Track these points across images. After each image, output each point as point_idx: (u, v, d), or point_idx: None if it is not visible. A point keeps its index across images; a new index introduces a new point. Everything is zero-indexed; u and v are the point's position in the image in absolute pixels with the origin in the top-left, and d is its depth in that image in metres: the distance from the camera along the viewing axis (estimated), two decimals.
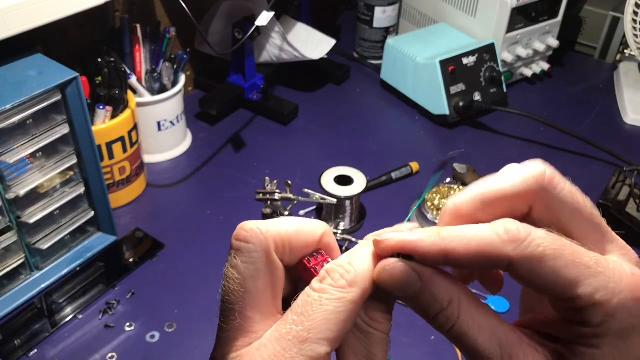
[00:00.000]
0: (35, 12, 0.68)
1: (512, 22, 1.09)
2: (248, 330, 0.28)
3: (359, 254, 0.29)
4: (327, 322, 0.27)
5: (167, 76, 0.92)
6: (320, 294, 0.27)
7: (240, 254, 0.28)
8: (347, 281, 0.27)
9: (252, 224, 0.29)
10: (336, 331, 0.27)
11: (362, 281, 0.28)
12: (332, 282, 0.28)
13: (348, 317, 0.27)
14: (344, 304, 0.27)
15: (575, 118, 1.10)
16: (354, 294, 0.27)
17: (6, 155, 0.66)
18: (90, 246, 0.80)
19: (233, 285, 0.28)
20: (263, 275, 0.28)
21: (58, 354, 0.68)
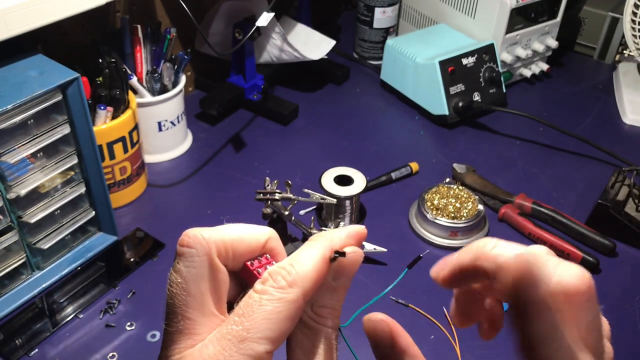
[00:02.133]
0: (36, 13, 0.68)
1: (511, 22, 1.09)
2: (191, 332, 0.29)
3: (301, 256, 0.30)
4: (266, 322, 0.27)
5: (167, 76, 0.92)
6: (260, 295, 0.28)
7: (183, 259, 0.29)
8: (287, 282, 0.28)
9: (195, 230, 0.30)
10: (276, 330, 0.27)
11: (303, 282, 0.29)
12: (273, 283, 0.28)
13: (288, 316, 0.28)
14: (283, 304, 0.28)
15: (575, 118, 1.11)
16: (294, 294, 0.28)
17: (7, 155, 0.66)
18: (90, 246, 0.80)
19: (176, 289, 0.29)
20: (205, 279, 0.29)
21: (59, 354, 0.68)
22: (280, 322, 0.28)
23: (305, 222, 0.81)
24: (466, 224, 0.82)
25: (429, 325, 0.72)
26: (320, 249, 0.30)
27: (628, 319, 0.74)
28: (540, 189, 0.93)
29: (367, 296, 0.75)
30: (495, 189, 0.90)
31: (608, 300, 0.76)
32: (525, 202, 0.87)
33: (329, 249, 0.30)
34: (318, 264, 0.29)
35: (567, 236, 0.84)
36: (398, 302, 0.75)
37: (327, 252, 0.30)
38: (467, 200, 0.84)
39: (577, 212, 0.87)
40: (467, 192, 0.86)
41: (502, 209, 0.87)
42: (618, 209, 0.84)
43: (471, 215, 0.82)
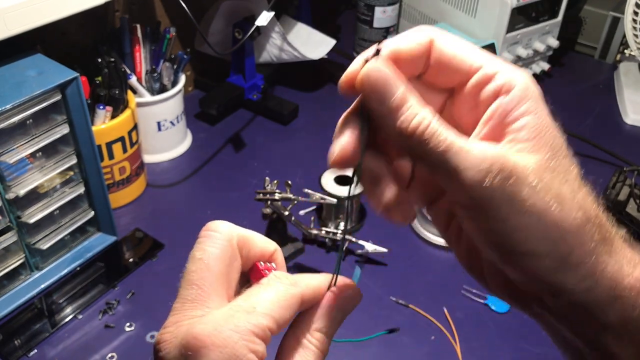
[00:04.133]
0: (35, 12, 0.68)
1: (512, 22, 1.09)
2: (203, 303, 0.30)
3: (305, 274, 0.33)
4: (271, 303, 0.29)
5: (167, 76, 0.92)
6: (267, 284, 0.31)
7: (206, 240, 0.32)
8: (291, 281, 0.31)
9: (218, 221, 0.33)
10: (279, 314, 0.29)
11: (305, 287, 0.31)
12: (279, 279, 0.31)
13: (289, 307, 0.30)
14: (286, 295, 0.30)
15: (575, 118, 1.10)
16: (297, 290, 0.31)
17: (6, 155, 0.66)
18: (90, 246, 0.80)
19: (197, 264, 0.31)
20: (224, 261, 0.31)
21: (58, 354, 0.68)
22: (282, 308, 0.30)
23: (305, 222, 0.80)
24: None
25: (429, 325, 0.72)
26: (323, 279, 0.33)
27: None
28: None
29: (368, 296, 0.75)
30: None
31: None
32: None
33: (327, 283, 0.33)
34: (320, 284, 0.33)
35: None
36: (398, 303, 0.74)
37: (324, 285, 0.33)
38: None
39: None
40: None
41: None
42: (619, 210, 0.83)
43: None
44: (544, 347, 0.69)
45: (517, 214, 0.27)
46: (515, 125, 0.28)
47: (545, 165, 0.28)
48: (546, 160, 0.28)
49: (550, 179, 0.27)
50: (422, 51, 0.29)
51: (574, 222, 0.27)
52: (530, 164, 0.27)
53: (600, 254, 0.28)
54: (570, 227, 0.27)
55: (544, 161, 0.28)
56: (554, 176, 0.28)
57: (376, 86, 0.27)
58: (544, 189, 0.27)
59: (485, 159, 0.27)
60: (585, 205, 0.28)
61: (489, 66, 0.29)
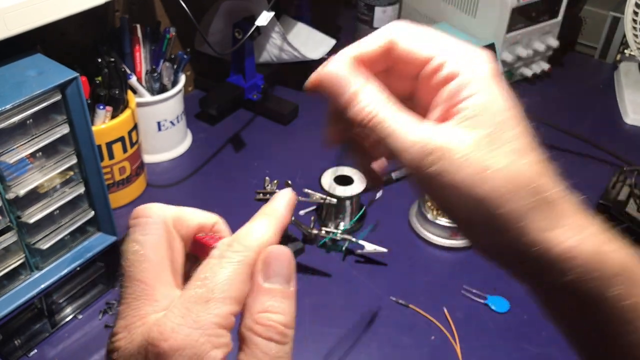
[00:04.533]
0: (35, 12, 0.68)
1: (512, 22, 1.09)
2: (150, 298, 0.28)
3: (253, 227, 0.30)
4: (229, 282, 0.27)
5: (167, 76, 0.92)
6: (220, 259, 0.28)
7: (138, 228, 0.30)
8: (243, 246, 0.29)
9: (145, 205, 0.31)
10: (238, 291, 0.27)
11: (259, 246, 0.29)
12: (231, 248, 0.29)
13: (246, 279, 0.28)
14: (242, 266, 0.28)
15: (576, 118, 1.10)
16: (251, 257, 0.29)
17: (6, 155, 0.66)
18: (90, 246, 0.80)
19: (134, 257, 0.29)
20: (162, 246, 0.30)
21: (58, 354, 0.68)
22: (241, 283, 0.28)
23: (305, 222, 0.80)
24: None
25: (429, 325, 0.72)
26: (272, 220, 0.31)
27: None
28: None
29: (368, 297, 0.75)
30: None
31: None
32: None
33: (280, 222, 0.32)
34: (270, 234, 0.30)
35: None
36: (398, 302, 0.74)
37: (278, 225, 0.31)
38: None
39: None
40: None
41: None
42: (619, 209, 0.83)
43: None
44: (544, 347, 0.70)
45: (445, 188, 0.30)
46: (460, 106, 0.31)
47: (481, 140, 0.30)
48: (484, 135, 0.30)
49: (483, 152, 0.30)
50: (381, 52, 0.34)
51: (498, 192, 0.30)
52: (464, 141, 0.30)
53: (533, 220, 0.30)
54: (493, 195, 0.30)
55: (481, 136, 0.30)
56: (489, 149, 0.30)
57: (330, 86, 0.34)
58: (471, 163, 0.30)
59: (418, 141, 0.30)
60: (520, 173, 0.30)
61: (439, 57, 0.32)
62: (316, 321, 0.71)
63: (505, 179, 0.30)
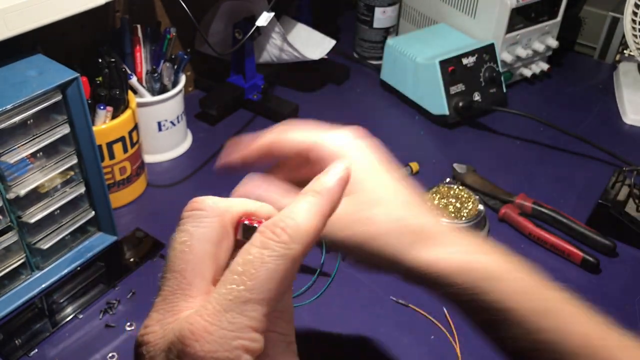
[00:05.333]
0: (35, 13, 0.68)
1: (511, 22, 1.09)
2: (188, 293, 0.27)
3: (299, 208, 0.27)
4: (269, 281, 0.25)
5: (167, 76, 0.92)
6: (261, 250, 0.26)
7: (190, 220, 0.29)
8: (289, 235, 0.26)
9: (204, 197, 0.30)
10: (278, 291, 0.25)
11: (304, 237, 0.26)
12: (274, 236, 0.26)
13: (290, 276, 0.26)
14: (286, 262, 0.25)
15: (575, 118, 1.11)
16: (296, 250, 0.26)
17: (7, 155, 0.66)
18: (90, 246, 0.80)
19: (179, 247, 0.28)
20: (211, 242, 0.28)
21: (58, 354, 0.68)
22: (283, 281, 0.25)
23: None
24: (467, 224, 0.82)
25: (429, 325, 0.72)
26: (319, 204, 0.28)
27: (628, 318, 0.74)
28: (540, 189, 0.93)
29: (368, 297, 0.75)
30: (496, 189, 0.90)
31: (608, 300, 0.76)
32: (525, 202, 0.87)
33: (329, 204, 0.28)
34: (317, 219, 0.27)
35: (568, 236, 0.84)
36: (398, 302, 0.74)
37: (326, 208, 0.28)
38: (468, 200, 0.84)
39: (577, 212, 0.87)
40: (467, 192, 0.86)
41: (502, 209, 0.87)
42: (618, 209, 0.83)
43: (472, 216, 0.82)
44: None
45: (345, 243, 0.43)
46: None
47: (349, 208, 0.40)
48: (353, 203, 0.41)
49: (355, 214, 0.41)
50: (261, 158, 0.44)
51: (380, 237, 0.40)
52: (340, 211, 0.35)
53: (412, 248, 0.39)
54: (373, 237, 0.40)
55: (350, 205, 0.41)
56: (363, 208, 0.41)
57: None
58: None
59: None
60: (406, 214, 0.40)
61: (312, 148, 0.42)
62: (316, 321, 0.71)
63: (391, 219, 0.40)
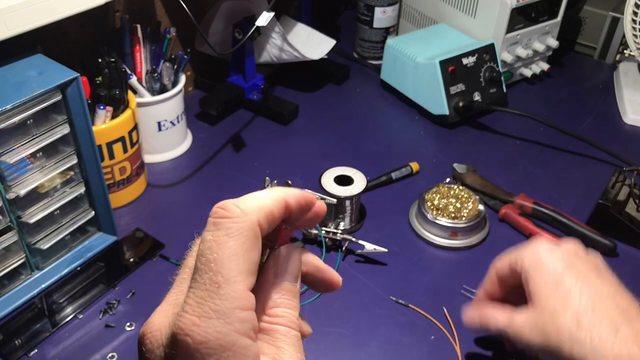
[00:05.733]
0: (35, 13, 0.68)
1: (511, 22, 1.09)
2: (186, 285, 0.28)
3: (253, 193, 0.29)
4: (233, 259, 0.25)
5: (167, 76, 0.92)
6: (215, 232, 0.26)
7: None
8: (241, 209, 0.27)
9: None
10: (248, 263, 0.26)
11: (257, 209, 0.27)
12: (226, 213, 0.26)
13: (253, 245, 0.26)
14: (244, 234, 0.26)
15: (575, 118, 1.11)
16: (250, 220, 0.26)
17: (6, 155, 0.66)
18: (90, 246, 0.80)
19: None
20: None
21: (58, 354, 0.68)
22: (248, 253, 0.26)
23: None
24: (467, 224, 0.82)
25: (429, 325, 0.72)
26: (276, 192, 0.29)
27: None
28: (540, 189, 0.93)
29: (368, 296, 0.75)
30: (496, 189, 0.90)
31: None
32: (525, 202, 0.87)
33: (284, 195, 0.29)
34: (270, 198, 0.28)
35: (568, 236, 0.84)
36: (398, 302, 0.74)
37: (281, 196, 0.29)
38: (468, 200, 0.84)
39: (577, 212, 0.87)
40: (467, 192, 0.86)
41: (502, 209, 0.87)
42: (618, 209, 0.83)
43: (472, 216, 0.82)
44: None
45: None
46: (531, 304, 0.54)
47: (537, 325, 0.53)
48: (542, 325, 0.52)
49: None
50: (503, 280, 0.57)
51: None
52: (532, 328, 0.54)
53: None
54: None
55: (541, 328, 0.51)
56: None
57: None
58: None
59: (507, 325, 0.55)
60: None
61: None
62: (316, 321, 0.71)
63: None
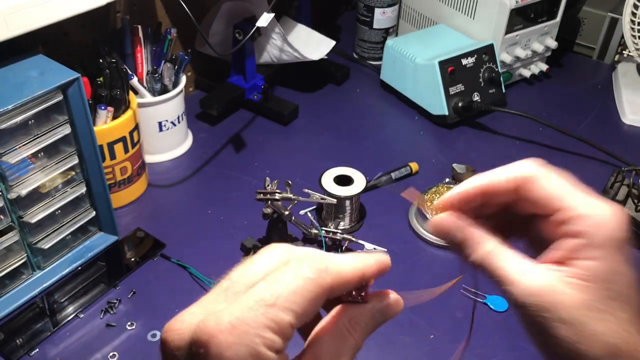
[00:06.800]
0: (36, 13, 0.68)
1: (510, 23, 1.09)
2: None
3: (342, 258, 0.30)
4: (294, 295, 0.26)
5: (168, 77, 0.92)
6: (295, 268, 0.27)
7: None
8: (324, 266, 0.28)
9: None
10: (302, 307, 0.27)
11: (337, 273, 0.29)
12: (311, 262, 0.28)
13: (315, 299, 0.27)
14: (313, 285, 0.27)
15: (574, 118, 1.11)
16: (326, 279, 0.28)
17: (8, 156, 0.66)
18: (91, 246, 0.81)
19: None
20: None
21: (59, 353, 0.68)
22: (307, 301, 0.27)
23: (305, 222, 0.81)
24: None
25: (429, 325, 0.72)
26: (361, 260, 0.31)
27: None
28: None
29: None
30: None
31: None
32: None
33: (366, 269, 0.31)
34: (356, 267, 0.30)
35: None
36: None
37: (363, 269, 0.31)
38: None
39: None
40: None
41: None
42: None
43: None
44: None
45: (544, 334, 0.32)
46: (577, 264, 0.32)
47: (587, 304, 0.31)
48: (592, 300, 0.31)
49: (586, 317, 0.31)
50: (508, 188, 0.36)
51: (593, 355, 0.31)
52: (573, 301, 0.31)
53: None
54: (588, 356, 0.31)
55: (589, 301, 0.31)
56: (592, 315, 0.31)
57: (441, 235, 0.37)
58: (574, 323, 0.31)
59: (530, 293, 0.32)
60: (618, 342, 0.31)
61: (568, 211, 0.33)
62: None
63: (602, 346, 0.31)
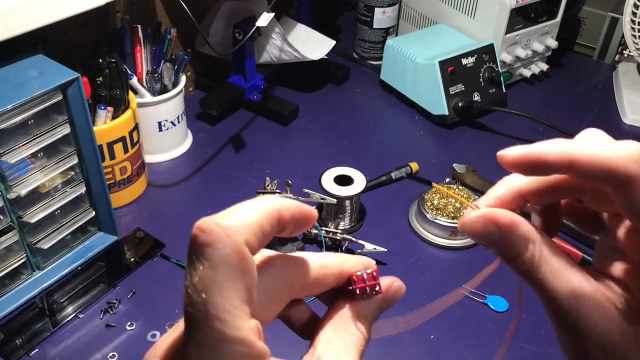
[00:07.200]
0: (36, 13, 0.68)
1: (511, 22, 1.09)
2: None
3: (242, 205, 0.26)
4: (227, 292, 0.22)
5: (167, 76, 0.92)
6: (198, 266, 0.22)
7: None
8: (224, 230, 0.23)
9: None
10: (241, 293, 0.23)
11: (245, 227, 0.24)
12: (207, 237, 0.23)
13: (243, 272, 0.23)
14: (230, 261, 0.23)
15: (574, 118, 1.11)
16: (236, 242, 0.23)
17: (7, 155, 0.66)
18: (91, 246, 0.81)
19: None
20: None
21: (59, 354, 0.68)
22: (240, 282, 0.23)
23: None
24: None
25: (429, 325, 0.72)
26: (265, 201, 0.26)
27: None
28: None
29: None
30: None
31: None
32: None
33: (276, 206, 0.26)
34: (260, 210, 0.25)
35: (567, 236, 0.84)
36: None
37: (273, 207, 0.26)
38: (467, 200, 0.84)
39: None
40: (467, 193, 0.86)
41: None
42: None
43: None
44: (543, 346, 0.70)
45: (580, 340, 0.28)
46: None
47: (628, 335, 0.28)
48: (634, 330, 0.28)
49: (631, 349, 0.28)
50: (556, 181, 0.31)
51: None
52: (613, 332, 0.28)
53: None
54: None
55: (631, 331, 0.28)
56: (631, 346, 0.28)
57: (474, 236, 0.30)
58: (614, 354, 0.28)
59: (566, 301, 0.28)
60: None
61: None
62: None
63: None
